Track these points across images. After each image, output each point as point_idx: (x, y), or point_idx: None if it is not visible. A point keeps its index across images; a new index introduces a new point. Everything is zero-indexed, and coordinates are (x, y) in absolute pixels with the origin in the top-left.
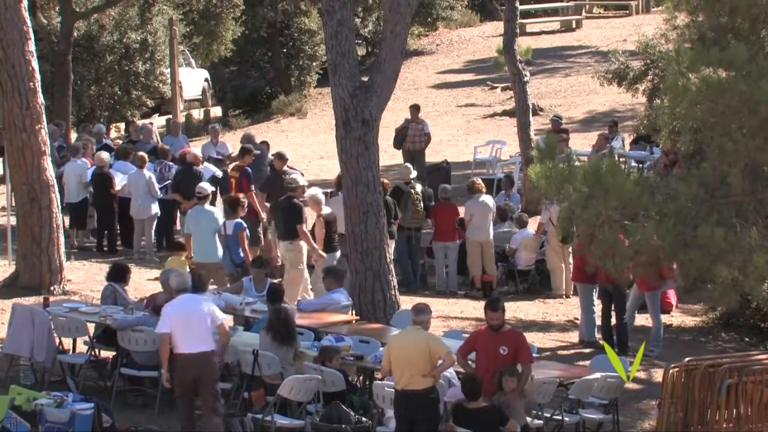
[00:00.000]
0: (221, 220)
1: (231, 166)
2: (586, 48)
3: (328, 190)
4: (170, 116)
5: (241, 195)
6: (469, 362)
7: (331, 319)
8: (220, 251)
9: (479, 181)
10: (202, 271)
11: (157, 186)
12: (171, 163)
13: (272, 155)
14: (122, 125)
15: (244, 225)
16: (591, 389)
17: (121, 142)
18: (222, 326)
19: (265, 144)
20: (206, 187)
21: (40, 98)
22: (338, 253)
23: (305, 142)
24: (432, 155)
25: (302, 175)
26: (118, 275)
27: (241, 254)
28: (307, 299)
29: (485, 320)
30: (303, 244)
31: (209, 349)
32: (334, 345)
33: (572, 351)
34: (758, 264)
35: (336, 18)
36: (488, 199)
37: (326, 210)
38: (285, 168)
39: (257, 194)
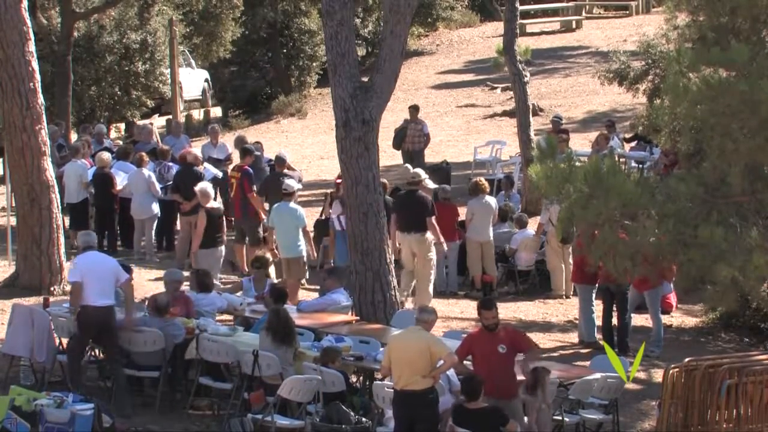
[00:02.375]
0: (305, 217)
1: (231, 167)
2: (586, 48)
3: (329, 191)
4: (170, 116)
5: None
6: (465, 364)
7: (331, 319)
8: (302, 246)
9: (484, 181)
10: (208, 272)
11: (157, 185)
12: (170, 164)
13: (270, 160)
14: (122, 125)
15: None
16: (591, 390)
17: (121, 142)
18: (127, 282)
19: (258, 144)
20: (293, 184)
21: (40, 99)
22: (221, 249)
23: (305, 143)
24: (432, 155)
25: (301, 176)
26: None
27: None
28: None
29: (481, 321)
30: (429, 235)
31: (112, 303)
32: (335, 346)
33: (572, 351)
34: (758, 264)
35: (336, 18)
36: (492, 201)
37: (213, 204)
38: (285, 171)
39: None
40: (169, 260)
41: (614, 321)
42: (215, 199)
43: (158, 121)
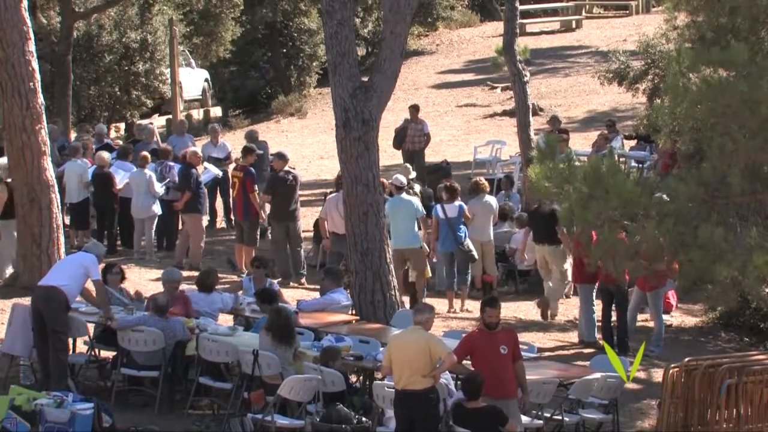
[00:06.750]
0: (420, 208)
1: (233, 166)
2: (586, 48)
3: (329, 190)
4: (170, 116)
5: (456, 183)
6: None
7: (331, 319)
8: (421, 236)
9: (483, 181)
10: (216, 269)
11: (157, 185)
12: (171, 163)
13: (272, 155)
14: (122, 125)
15: (465, 206)
16: (591, 389)
17: (121, 142)
18: (99, 282)
19: (263, 143)
20: (401, 178)
21: (40, 98)
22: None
23: (305, 142)
24: (432, 155)
25: (294, 169)
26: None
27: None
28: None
29: (482, 319)
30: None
31: (55, 284)
32: (335, 346)
33: (572, 351)
34: (758, 264)
35: (336, 18)
36: (492, 200)
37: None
38: (286, 168)
39: (260, 196)
40: (169, 260)
41: (614, 320)
42: (215, 198)
43: (158, 121)
